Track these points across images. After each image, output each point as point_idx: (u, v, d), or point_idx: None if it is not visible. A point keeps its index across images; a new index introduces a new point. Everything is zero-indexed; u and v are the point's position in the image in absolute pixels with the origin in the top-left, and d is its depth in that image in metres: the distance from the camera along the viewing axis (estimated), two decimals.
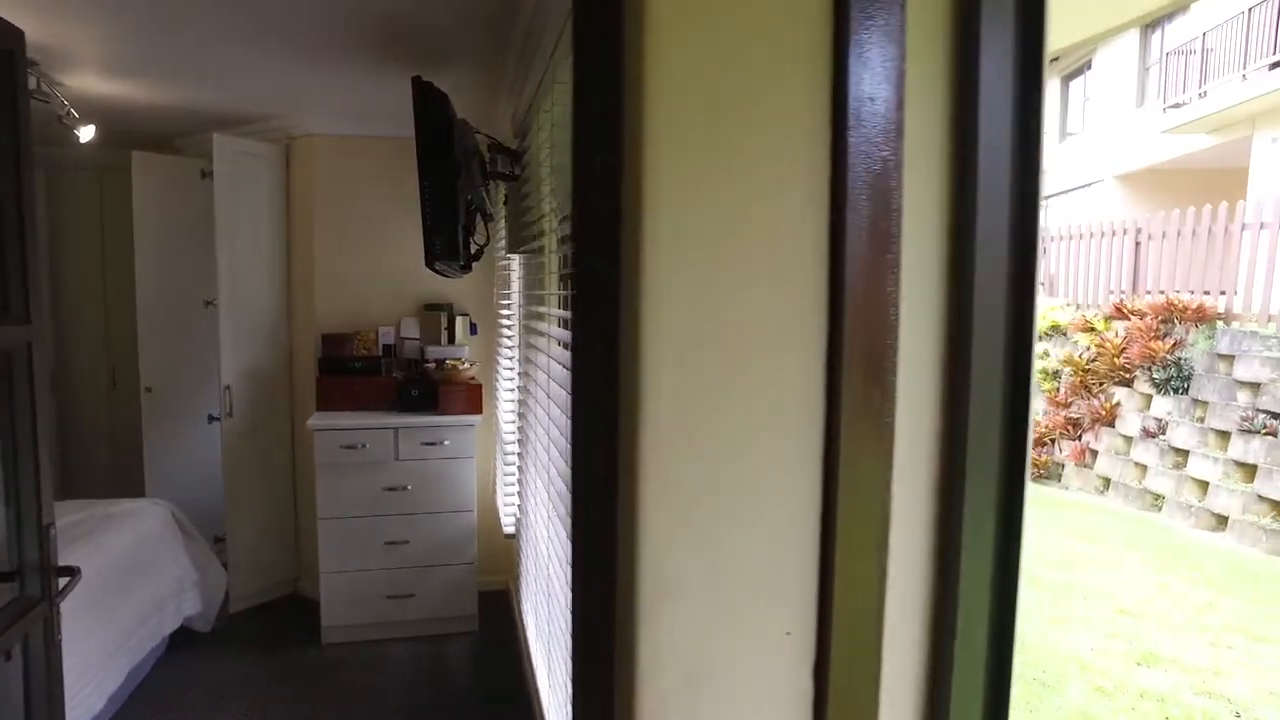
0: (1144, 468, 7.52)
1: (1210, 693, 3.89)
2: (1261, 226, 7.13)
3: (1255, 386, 6.71)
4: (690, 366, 0.70)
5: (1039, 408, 8.74)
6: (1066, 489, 8.18)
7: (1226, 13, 10.44)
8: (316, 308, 4.09)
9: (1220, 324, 7.26)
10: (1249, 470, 6.55)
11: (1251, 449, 6.53)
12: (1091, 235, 8.90)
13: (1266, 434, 6.45)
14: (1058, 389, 8.47)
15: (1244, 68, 9.91)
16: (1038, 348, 8.82)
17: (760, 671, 0.71)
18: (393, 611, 3.73)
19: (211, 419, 4.35)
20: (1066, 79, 15.11)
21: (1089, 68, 14.27)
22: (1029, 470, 0.82)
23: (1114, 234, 8.59)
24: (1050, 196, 15.36)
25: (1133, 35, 12.87)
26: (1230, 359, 7.00)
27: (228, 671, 3.47)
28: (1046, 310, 8.93)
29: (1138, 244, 8.29)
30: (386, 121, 3.78)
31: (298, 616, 4.01)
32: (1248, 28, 9.91)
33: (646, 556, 0.69)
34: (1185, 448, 7.14)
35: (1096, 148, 13.79)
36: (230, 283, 3.89)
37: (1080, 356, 8.20)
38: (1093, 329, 8.15)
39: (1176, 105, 11.08)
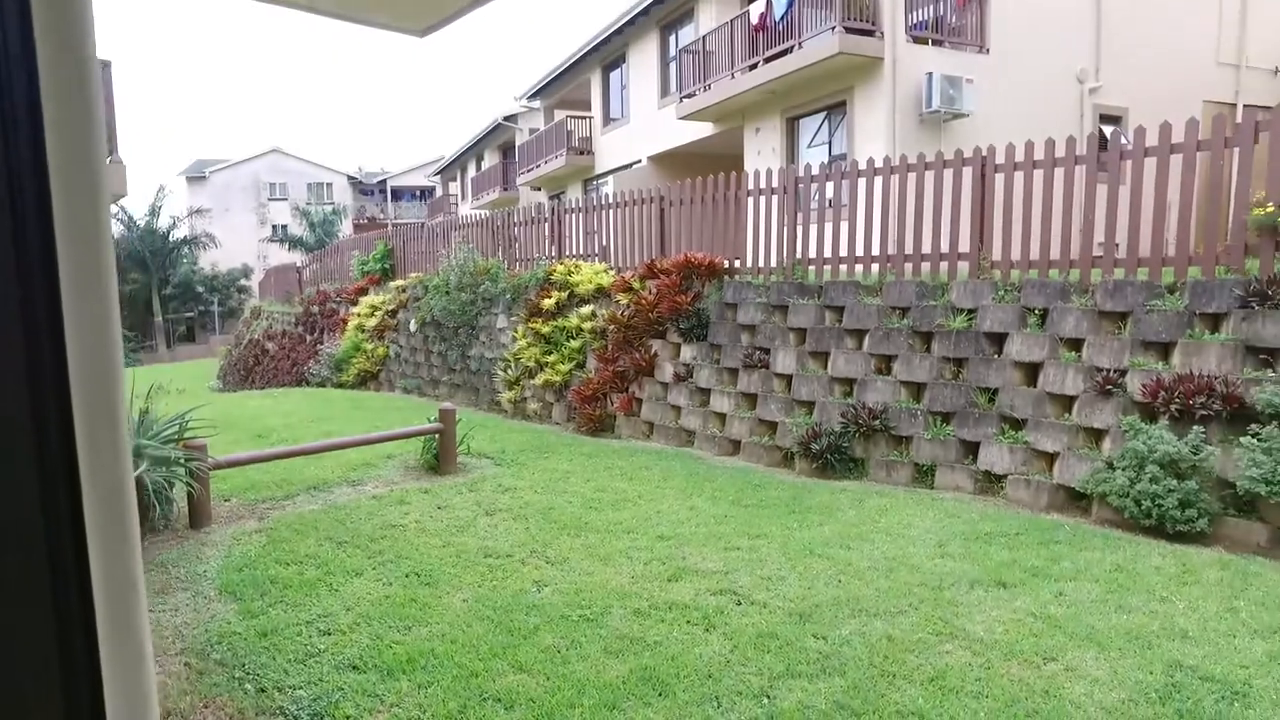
0: (678, 409, 8.38)
1: (722, 590, 4.24)
2: (749, 194, 8.39)
3: (752, 329, 7.87)
4: None
5: (591, 366, 9.24)
6: (619, 438, 8.78)
7: (718, 21, 12.27)
8: None
9: (727, 278, 8.38)
10: (751, 399, 7.66)
11: (752, 381, 7.64)
12: (628, 205, 9.66)
13: (761, 367, 7.59)
14: (605, 346, 9.03)
15: (733, 68, 11.73)
16: (585, 309, 9.17)
17: None
18: None
19: None
20: (606, 69, 16.52)
21: (624, 60, 15.77)
22: None
23: (644, 202, 9.42)
24: (601, 176, 16.72)
25: (654, 33, 14.50)
26: (735, 307, 8.12)
27: None
28: (592, 275, 9.46)
29: (662, 211, 9.20)
30: None
31: None
32: (732, 36, 11.76)
33: None
34: (707, 387, 8.12)
35: (635, 132, 15.32)
36: None
37: (621, 315, 8.83)
38: (631, 289, 8.82)
39: (690, 95, 12.73)
